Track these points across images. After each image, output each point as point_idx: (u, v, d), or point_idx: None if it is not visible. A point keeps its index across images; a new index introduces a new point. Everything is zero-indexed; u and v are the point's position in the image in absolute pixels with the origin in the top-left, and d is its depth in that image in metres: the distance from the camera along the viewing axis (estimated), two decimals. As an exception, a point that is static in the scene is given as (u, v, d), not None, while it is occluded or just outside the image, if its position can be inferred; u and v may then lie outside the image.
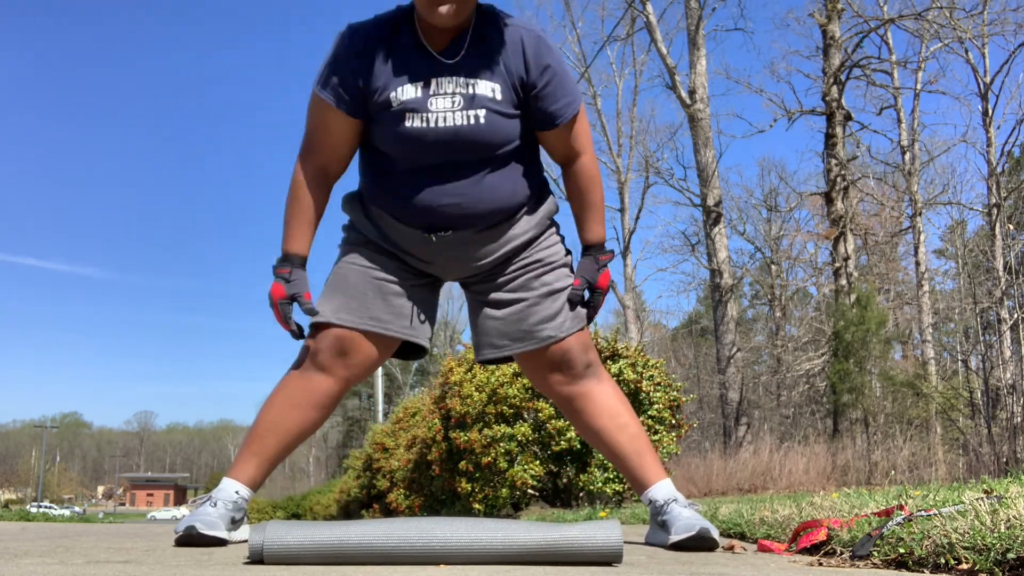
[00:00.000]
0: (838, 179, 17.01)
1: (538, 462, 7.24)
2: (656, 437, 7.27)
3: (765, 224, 28.88)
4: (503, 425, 7.23)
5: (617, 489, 7.07)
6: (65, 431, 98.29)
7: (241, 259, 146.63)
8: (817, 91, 17.97)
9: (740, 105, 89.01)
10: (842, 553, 1.74)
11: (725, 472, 11.86)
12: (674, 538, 1.96)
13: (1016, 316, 12.25)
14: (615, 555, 1.58)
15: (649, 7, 18.61)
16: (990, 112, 17.65)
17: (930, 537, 1.54)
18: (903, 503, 2.05)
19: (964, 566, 1.44)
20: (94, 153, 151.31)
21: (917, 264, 20.00)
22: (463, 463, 7.46)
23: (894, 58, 20.03)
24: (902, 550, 1.58)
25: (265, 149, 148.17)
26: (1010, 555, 1.38)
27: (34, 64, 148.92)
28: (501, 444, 7.16)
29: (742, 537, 2.46)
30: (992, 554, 1.40)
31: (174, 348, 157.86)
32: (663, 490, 2.11)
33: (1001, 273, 14.41)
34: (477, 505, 7.37)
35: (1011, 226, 16.45)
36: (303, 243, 2.11)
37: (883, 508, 2.00)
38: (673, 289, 75.89)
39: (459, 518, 1.60)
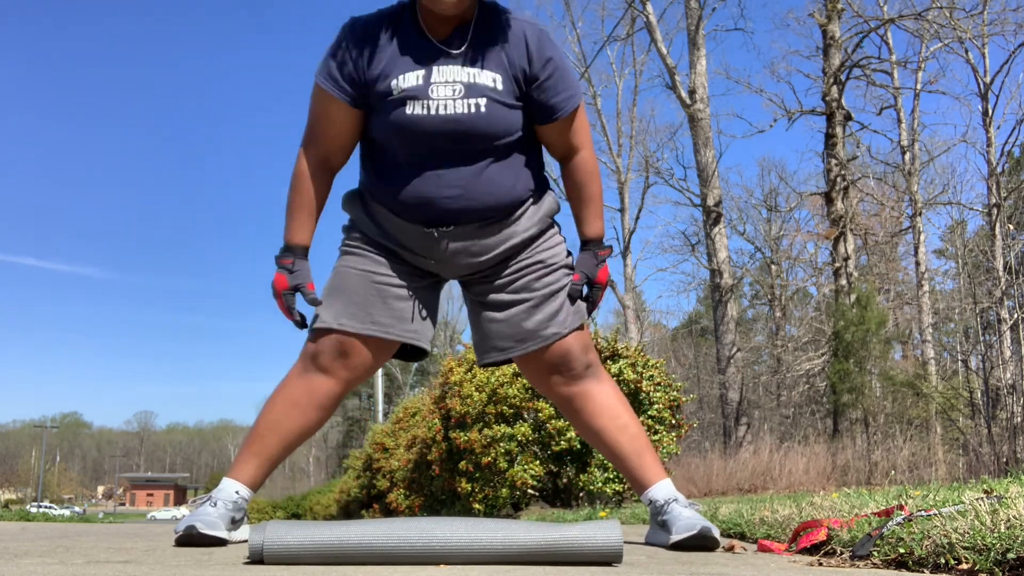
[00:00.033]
0: (838, 179, 17.01)
1: (538, 462, 7.24)
2: (656, 437, 7.27)
3: (765, 224, 28.91)
4: (503, 425, 7.22)
5: (617, 489, 7.07)
6: (65, 431, 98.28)
7: (241, 259, 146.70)
8: (817, 91, 17.98)
9: (740, 105, 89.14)
10: (842, 553, 1.74)
11: (725, 472, 11.86)
12: (675, 538, 1.96)
13: (1016, 316, 12.25)
14: (615, 555, 1.58)
15: (649, 7, 18.61)
16: (990, 112, 17.65)
17: (930, 537, 1.54)
18: (903, 503, 2.05)
19: (964, 566, 1.44)
20: (94, 153, 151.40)
21: (917, 264, 20.00)
22: (463, 463, 7.46)
23: (894, 58, 20.04)
24: (902, 550, 1.58)
25: (265, 149, 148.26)
26: (1010, 555, 1.38)
27: (34, 64, 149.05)
28: (501, 444, 7.15)
29: (742, 537, 2.46)
30: (992, 554, 1.40)
31: (174, 348, 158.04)
32: (663, 490, 2.11)
33: (1001, 273, 14.41)
34: (477, 505, 7.36)
35: (1011, 226, 16.45)
36: (305, 234, 2.13)
37: (883, 508, 2.00)
38: (673, 289, 75.91)
39: (459, 518, 1.60)
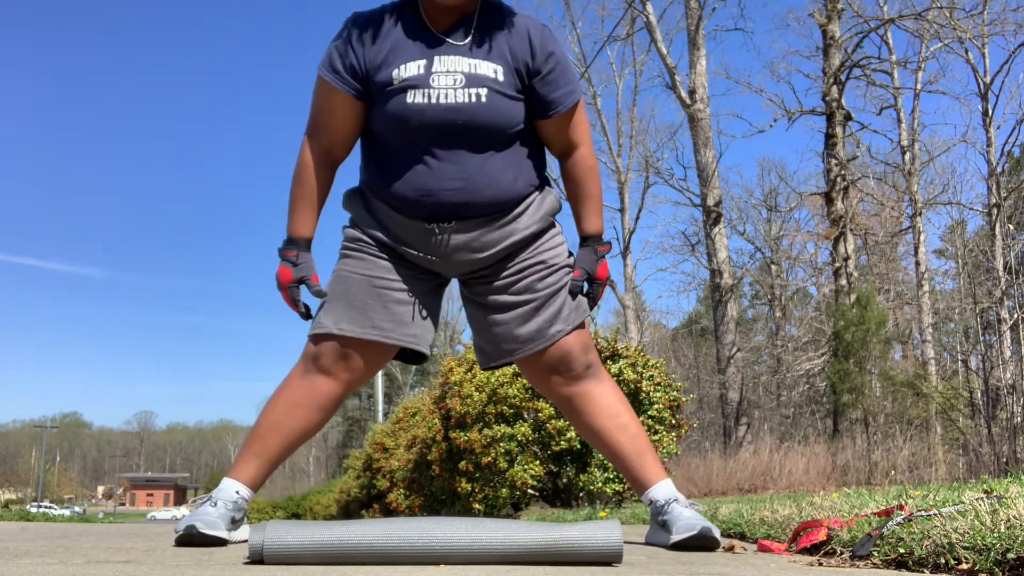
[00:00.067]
0: (838, 179, 17.01)
1: (538, 462, 7.23)
2: (656, 437, 7.27)
3: (765, 224, 28.92)
4: (503, 425, 7.22)
5: (617, 489, 7.07)
6: (65, 431, 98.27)
7: (241, 259, 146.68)
8: (817, 91, 17.98)
9: (740, 105, 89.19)
10: (842, 553, 1.74)
11: (725, 472, 11.86)
12: (675, 538, 1.96)
13: (1016, 316, 12.25)
14: (615, 555, 1.58)
15: (649, 7, 18.61)
16: (990, 112, 17.65)
17: (930, 537, 1.54)
18: (903, 503, 2.05)
19: (964, 566, 1.44)
20: (94, 153, 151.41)
21: (917, 264, 20.00)
22: (463, 463, 7.45)
23: (894, 58, 20.04)
24: (902, 550, 1.58)
25: (265, 149, 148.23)
26: (1010, 555, 1.38)
27: (33, 65, 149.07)
28: (501, 444, 7.15)
29: (742, 537, 2.46)
30: (992, 554, 1.40)
31: (174, 348, 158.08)
32: (664, 490, 2.11)
33: (1001, 273, 14.41)
34: (477, 505, 7.36)
35: (1011, 226, 16.45)
36: (308, 226, 2.15)
37: (883, 508, 2.00)
38: (673, 289, 75.95)
39: (459, 518, 1.60)
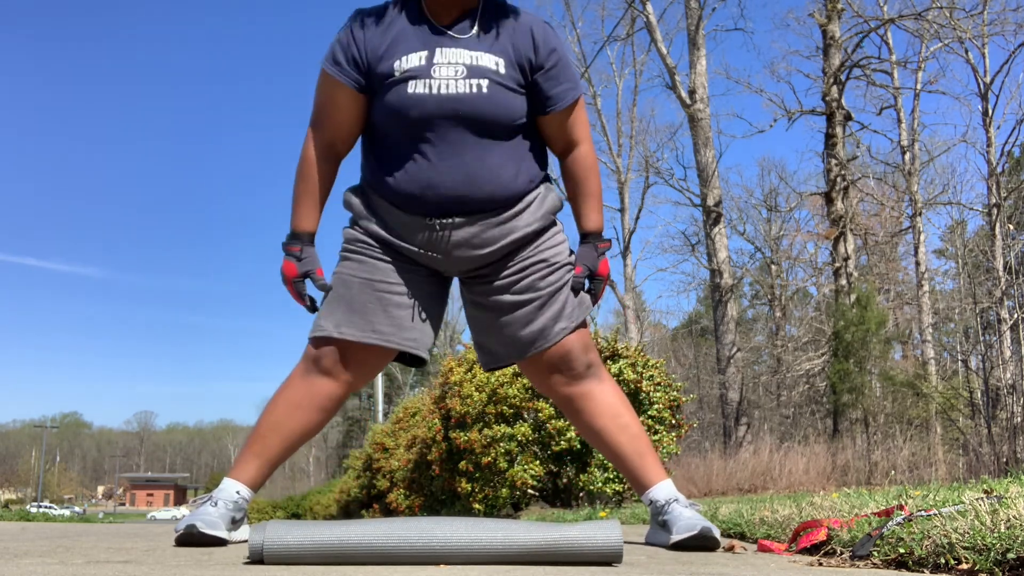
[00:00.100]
0: (838, 179, 17.00)
1: (538, 462, 7.23)
2: (656, 437, 7.26)
3: (765, 224, 28.92)
4: (503, 425, 7.22)
5: (617, 489, 7.06)
6: (65, 431, 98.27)
7: (241, 259, 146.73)
8: (817, 91, 17.98)
9: (740, 105, 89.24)
10: (842, 553, 1.74)
11: (725, 472, 11.86)
12: (675, 538, 1.96)
13: (1016, 316, 12.25)
14: (615, 555, 1.58)
15: (649, 7, 18.61)
16: (990, 112, 17.65)
17: (930, 537, 1.54)
18: (903, 503, 2.05)
19: (964, 566, 1.44)
20: (94, 153, 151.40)
21: (917, 264, 20.00)
22: (463, 463, 7.45)
23: (894, 58, 20.03)
24: (902, 550, 1.58)
25: (265, 149, 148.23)
26: (1010, 555, 1.38)
27: (33, 65, 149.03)
28: (501, 444, 7.15)
29: (742, 537, 2.46)
30: (992, 554, 1.40)
31: (174, 348, 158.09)
32: (664, 490, 2.11)
33: (1001, 273, 14.41)
34: (477, 505, 7.36)
35: (1011, 226, 16.45)
36: (312, 220, 2.16)
37: (883, 508, 2.00)
38: (673, 289, 75.97)
39: (459, 518, 1.60)
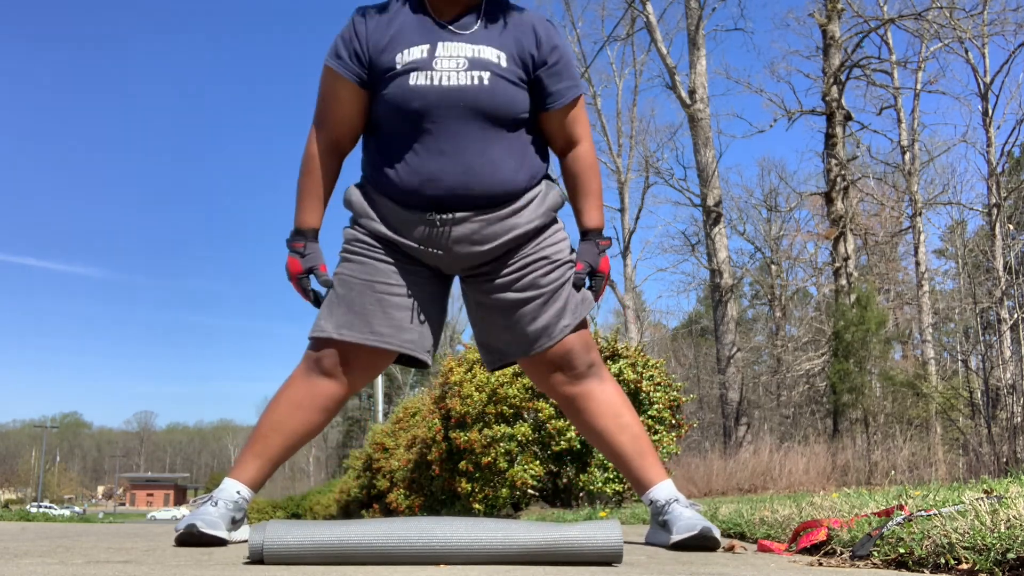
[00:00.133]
0: (838, 179, 17.00)
1: (538, 462, 7.23)
2: (656, 437, 7.26)
3: (765, 224, 28.92)
4: (503, 425, 7.22)
5: (617, 489, 7.06)
6: (65, 431, 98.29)
7: (241, 259, 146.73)
8: (817, 91, 17.98)
9: (740, 105, 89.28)
10: (842, 553, 1.74)
11: (725, 472, 11.86)
12: (675, 538, 1.96)
13: (1016, 316, 12.25)
14: (615, 555, 1.58)
15: (649, 7, 18.61)
16: (990, 112, 17.64)
17: (930, 537, 1.54)
18: (903, 503, 2.05)
19: (964, 566, 1.44)
20: (94, 153, 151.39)
21: (917, 264, 20.00)
22: (463, 463, 7.45)
23: (894, 58, 20.03)
24: (902, 550, 1.58)
25: (266, 149, 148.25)
26: (1010, 555, 1.38)
27: (33, 65, 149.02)
28: (501, 444, 7.15)
29: (742, 537, 2.46)
30: (992, 554, 1.40)
31: (174, 348, 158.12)
32: (664, 490, 2.11)
33: (1001, 273, 14.41)
34: (477, 505, 7.36)
35: (1011, 226, 16.45)
36: (315, 217, 2.18)
37: (883, 508, 2.00)
38: (673, 289, 75.98)
39: (459, 518, 1.59)
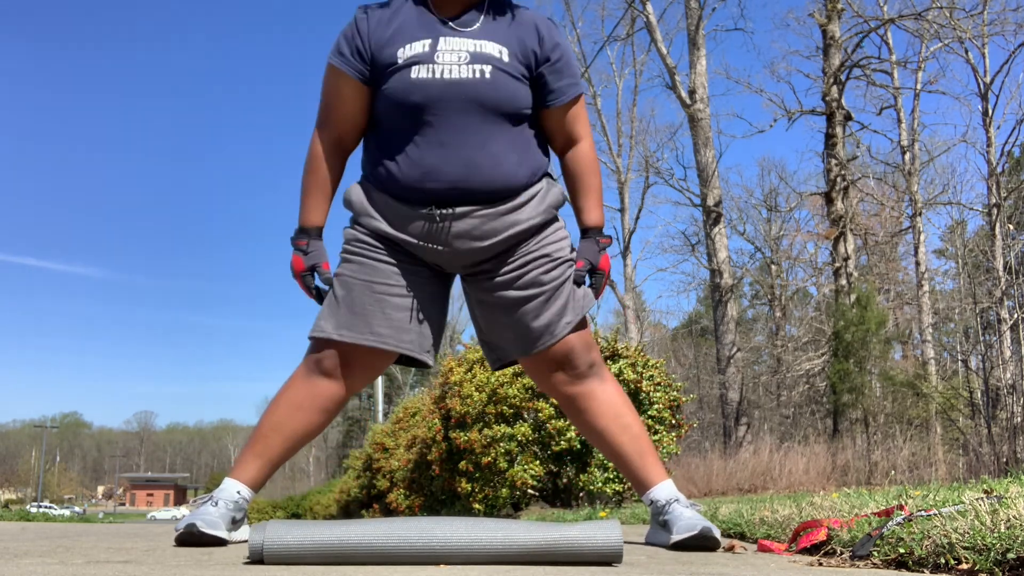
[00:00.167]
0: (838, 179, 17.00)
1: (538, 462, 7.23)
2: (656, 437, 7.26)
3: (765, 224, 28.92)
4: (503, 425, 7.22)
5: (617, 489, 7.06)
6: (65, 431, 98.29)
7: (241, 259, 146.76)
8: (817, 91, 17.97)
9: (740, 105, 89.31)
10: (842, 553, 1.74)
11: (725, 472, 11.86)
12: (676, 537, 1.96)
13: (1016, 316, 12.25)
14: (615, 555, 1.58)
15: (649, 7, 18.61)
16: (990, 112, 17.64)
17: (930, 537, 1.54)
18: (903, 503, 2.05)
19: (964, 566, 1.44)
20: (94, 153, 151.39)
21: (917, 264, 20.00)
22: (463, 463, 7.45)
23: (894, 58, 20.03)
24: (902, 550, 1.58)
25: (266, 149, 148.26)
26: (1010, 555, 1.38)
27: (33, 66, 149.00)
28: (501, 444, 7.15)
29: (742, 537, 2.46)
30: (992, 554, 1.40)
31: (174, 348, 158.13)
32: (665, 490, 2.12)
33: (1001, 273, 14.41)
34: (477, 505, 7.36)
35: (1011, 226, 16.45)
36: (319, 215, 2.19)
37: (883, 508, 2.00)
38: (673, 289, 76.01)
39: (459, 518, 1.60)
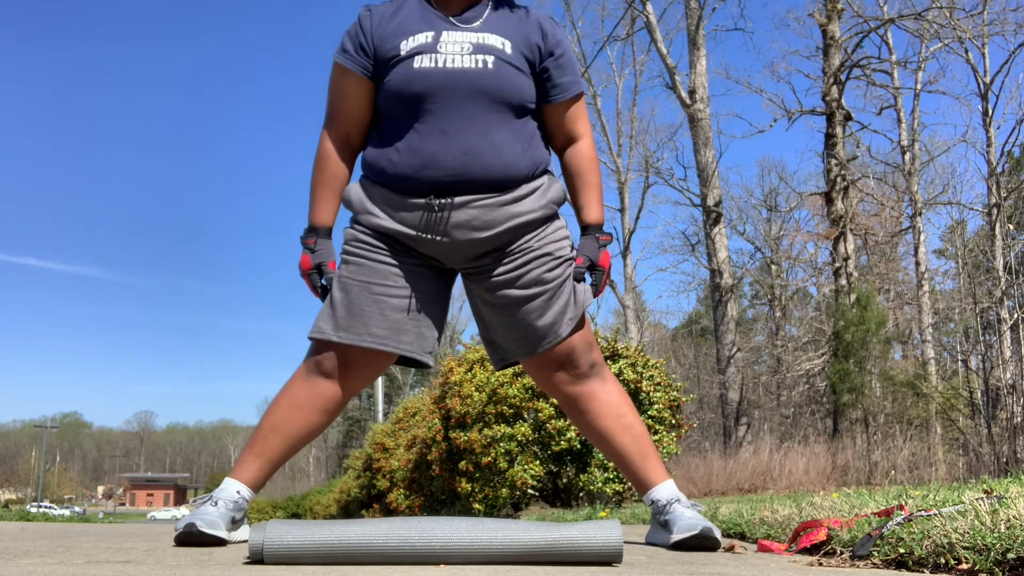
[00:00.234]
0: (838, 179, 17.00)
1: (538, 462, 7.23)
2: (656, 437, 7.26)
3: (765, 224, 28.92)
4: (503, 425, 7.22)
5: (617, 489, 7.07)
6: (65, 431, 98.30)
7: (242, 259, 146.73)
8: (817, 91, 17.96)
9: (740, 105, 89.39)
10: (842, 553, 1.74)
11: (725, 472, 11.85)
12: (676, 537, 1.96)
13: (1016, 316, 12.24)
14: (615, 555, 1.58)
15: (649, 7, 18.60)
16: (990, 112, 17.64)
17: (930, 537, 1.54)
18: (903, 503, 2.05)
19: (964, 566, 1.44)
20: (94, 153, 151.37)
21: (917, 264, 20.00)
22: (463, 463, 7.45)
23: (894, 58, 20.03)
24: (902, 550, 1.58)
25: (267, 150, 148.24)
26: (1010, 555, 1.38)
27: (33, 66, 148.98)
28: (501, 444, 7.15)
29: (742, 537, 2.46)
30: (992, 554, 1.40)
31: (174, 348, 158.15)
32: (666, 490, 2.12)
33: (1001, 273, 14.41)
34: (477, 505, 7.36)
35: (1011, 226, 16.44)
36: (328, 214, 2.20)
37: (883, 508, 2.00)
38: (673, 289, 76.10)
39: (459, 518, 1.60)
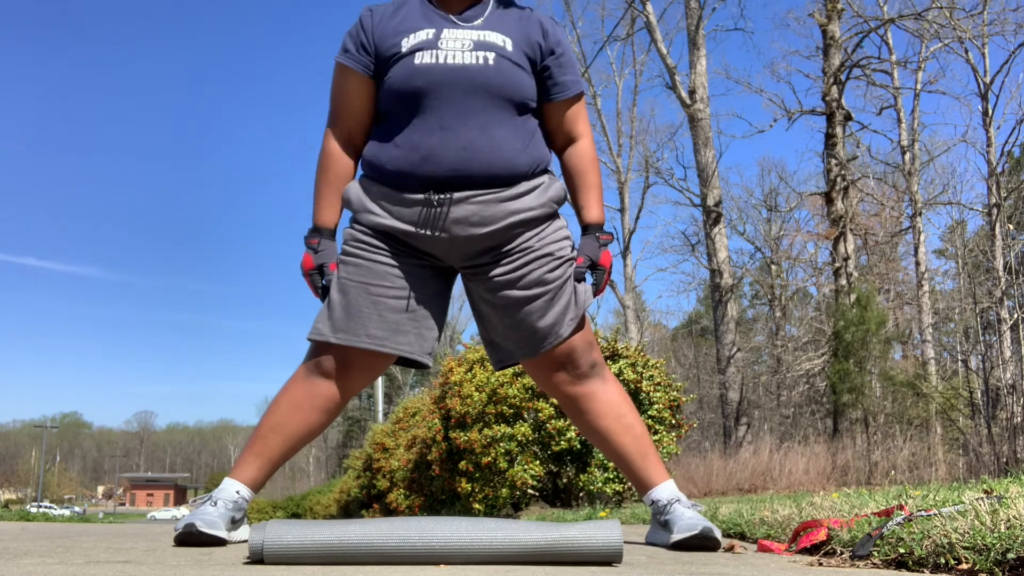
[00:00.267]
0: (838, 179, 17.00)
1: (538, 462, 7.23)
2: (656, 437, 7.26)
3: (765, 224, 28.91)
4: (503, 425, 7.22)
5: (617, 489, 7.07)
6: (65, 431, 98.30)
7: (242, 259, 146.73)
8: (817, 91, 17.96)
9: (740, 105, 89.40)
10: (842, 553, 1.74)
11: (725, 472, 11.85)
12: (676, 537, 1.97)
13: (1016, 316, 12.24)
14: (615, 555, 1.58)
15: (649, 7, 18.61)
16: (990, 112, 17.64)
17: (930, 537, 1.54)
18: (903, 503, 2.05)
19: (964, 566, 1.44)
20: (94, 153, 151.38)
21: (917, 264, 20.00)
22: (463, 463, 7.45)
23: (894, 58, 20.03)
24: (902, 550, 1.58)
25: (267, 150, 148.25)
26: (1010, 555, 1.38)
27: (33, 66, 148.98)
28: (501, 444, 7.15)
29: (742, 537, 2.46)
30: (992, 554, 1.40)
31: (174, 348, 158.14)
32: (666, 491, 2.12)
33: (1001, 273, 14.41)
34: (477, 505, 7.36)
35: (1011, 226, 16.44)
36: (331, 214, 2.21)
37: (883, 508, 2.00)
38: (673, 289, 76.10)
39: (459, 518, 1.60)
